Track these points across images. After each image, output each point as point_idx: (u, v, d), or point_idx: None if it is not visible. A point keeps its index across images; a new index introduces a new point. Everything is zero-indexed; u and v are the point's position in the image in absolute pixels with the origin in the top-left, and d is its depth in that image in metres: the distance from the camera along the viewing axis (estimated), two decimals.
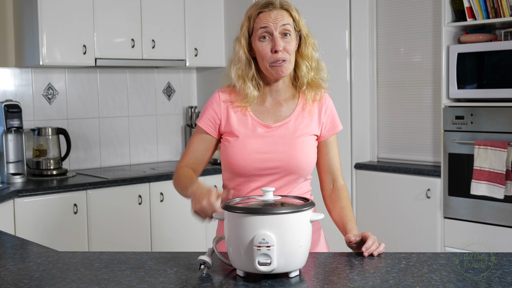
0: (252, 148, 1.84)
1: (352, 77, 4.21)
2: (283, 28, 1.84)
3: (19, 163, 3.57)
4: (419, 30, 4.05)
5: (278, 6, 1.86)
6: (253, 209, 1.42)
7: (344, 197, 1.90)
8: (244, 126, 1.87)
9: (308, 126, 1.89)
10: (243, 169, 1.84)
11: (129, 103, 4.30)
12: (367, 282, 1.43)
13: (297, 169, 1.85)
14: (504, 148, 3.37)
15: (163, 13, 4.06)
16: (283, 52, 1.82)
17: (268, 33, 1.83)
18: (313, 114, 1.91)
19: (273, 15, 1.84)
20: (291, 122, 1.88)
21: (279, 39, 1.83)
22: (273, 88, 1.91)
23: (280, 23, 1.83)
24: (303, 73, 1.91)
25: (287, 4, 1.89)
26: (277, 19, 1.84)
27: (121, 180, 3.63)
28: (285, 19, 1.85)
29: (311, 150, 1.89)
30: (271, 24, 1.83)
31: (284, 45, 1.83)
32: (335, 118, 1.96)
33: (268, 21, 1.83)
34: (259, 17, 1.85)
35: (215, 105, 1.91)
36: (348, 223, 1.82)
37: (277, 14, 1.84)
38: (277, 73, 1.84)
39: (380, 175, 4.09)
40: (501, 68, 3.48)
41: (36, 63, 3.60)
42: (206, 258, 1.49)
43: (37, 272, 1.58)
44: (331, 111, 1.95)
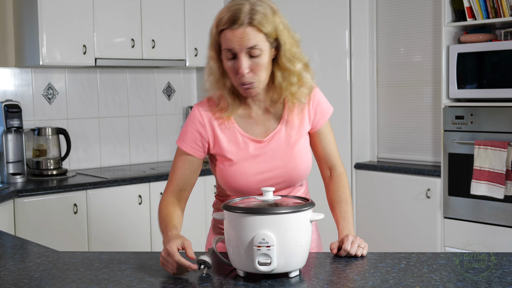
0: (251, 171, 1.72)
1: (352, 77, 4.21)
2: (249, 50, 1.62)
3: (19, 163, 3.57)
4: (419, 30, 4.05)
5: (244, 23, 1.61)
6: (253, 209, 1.42)
7: (342, 187, 1.81)
8: (236, 145, 1.74)
9: (299, 128, 1.78)
10: (244, 190, 1.74)
11: (129, 103, 4.30)
12: (367, 282, 1.42)
13: (299, 178, 1.78)
14: (504, 148, 3.37)
15: (163, 13, 4.06)
16: (249, 73, 1.64)
17: (233, 54, 1.64)
18: (301, 114, 1.78)
19: (238, 35, 1.61)
20: (281, 130, 1.76)
21: (245, 60, 1.63)
22: (254, 98, 1.76)
23: (246, 45, 1.61)
24: (278, 84, 1.71)
25: (256, 19, 1.61)
26: (243, 40, 1.61)
27: (121, 180, 3.63)
28: (252, 39, 1.61)
29: (307, 153, 1.80)
30: (236, 47, 1.62)
31: (252, 65, 1.64)
32: (323, 105, 1.81)
33: (232, 43, 1.62)
34: (223, 35, 1.64)
35: (199, 126, 1.75)
36: (340, 221, 1.75)
37: (243, 34, 1.60)
38: (245, 94, 1.70)
39: (380, 175, 4.09)
40: (501, 68, 3.48)
41: (36, 63, 3.60)
42: (206, 258, 1.49)
43: (37, 272, 1.58)
44: (317, 102, 1.80)
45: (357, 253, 1.62)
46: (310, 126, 1.81)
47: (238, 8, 1.62)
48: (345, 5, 4.14)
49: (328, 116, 1.83)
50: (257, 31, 1.62)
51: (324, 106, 1.82)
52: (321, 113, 1.81)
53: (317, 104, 1.80)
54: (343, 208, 1.78)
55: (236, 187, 1.74)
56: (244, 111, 1.77)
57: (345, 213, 1.77)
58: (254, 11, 1.61)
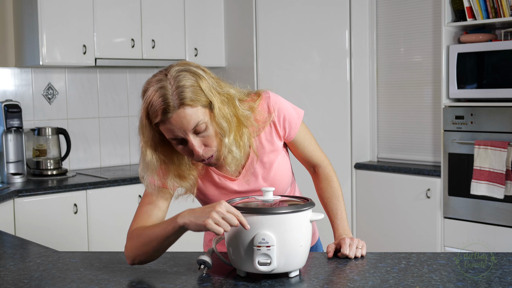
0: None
1: (352, 77, 4.21)
2: (194, 129, 1.50)
3: (19, 163, 3.57)
4: (419, 30, 4.05)
5: (176, 106, 1.46)
6: (253, 209, 1.42)
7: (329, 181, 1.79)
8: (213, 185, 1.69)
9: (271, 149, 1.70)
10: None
11: (129, 103, 4.30)
12: (367, 282, 1.42)
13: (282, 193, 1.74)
14: (504, 148, 3.37)
15: (163, 13, 4.06)
16: (204, 149, 1.54)
17: (180, 140, 1.52)
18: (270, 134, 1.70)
19: (175, 122, 1.47)
20: (253, 159, 1.68)
21: (195, 141, 1.52)
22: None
23: (188, 127, 1.48)
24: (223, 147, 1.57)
25: (186, 97, 1.47)
26: (183, 125, 1.48)
27: (121, 180, 3.63)
28: (192, 120, 1.48)
29: (286, 169, 1.75)
30: (179, 133, 1.50)
31: (203, 141, 1.53)
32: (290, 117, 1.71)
33: (173, 132, 1.49)
34: (161, 127, 1.51)
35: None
36: (334, 220, 1.74)
37: (180, 118, 1.47)
38: (209, 166, 1.62)
39: (380, 175, 4.09)
40: (501, 68, 3.48)
41: (36, 63, 3.60)
42: (206, 258, 1.49)
43: (37, 272, 1.58)
44: (284, 113, 1.69)
45: (356, 255, 1.62)
46: (283, 141, 1.74)
47: (162, 92, 1.47)
48: (345, 5, 4.14)
49: (299, 123, 1.74)
50: (191, 107, 1.48)
51: (291, 116, 1.71)
52: (290, 125, 1.71)
53: (283, 120, 1.70)
54: (334, 204, 1.77)
55: None
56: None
57: (337, 209, 1.76)
58: (179, 88, 1.47)
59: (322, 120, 4.09)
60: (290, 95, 1.86)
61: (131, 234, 1.58)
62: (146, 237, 1.53)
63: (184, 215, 1.45)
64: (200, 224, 1.40)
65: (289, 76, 4.19)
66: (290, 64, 4.18)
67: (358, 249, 1.63)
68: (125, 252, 1.57)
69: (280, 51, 4.17)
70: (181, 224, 1.44)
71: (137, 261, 1.56)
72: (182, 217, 1.45)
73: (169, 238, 1.49)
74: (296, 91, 4.12)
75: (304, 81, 4.18)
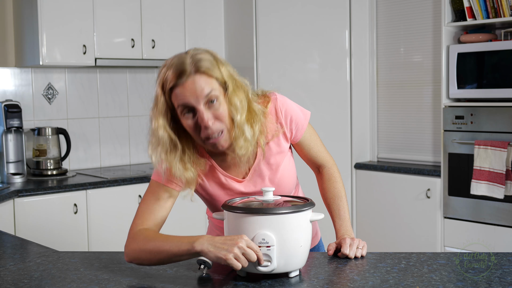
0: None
1: (352, 77, 4.21)
2: (206, 98, 1.50)
3: (19, 163, 3.57)
4: (419, 30, 4.05)
5: (192, 72, 1.50)
6: (253, 209, 1.42)
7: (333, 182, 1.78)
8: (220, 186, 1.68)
9: (278, 151, 1.70)
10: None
11: (129, 103, 4.30)
12: (367, 282, 1.42)
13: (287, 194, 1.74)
14: (504, 148, 3.37)
15: (163, 13, 4.06)
16: (214, 123, 1.51)
17: (190, 108, 1.51)
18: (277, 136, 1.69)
19: (189, 87, 1.49)
20: (260, 162, 1.67)
21: (205, 111, 1.50)
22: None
23: (202, 94, 1.49)
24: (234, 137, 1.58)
25: (202, 64, 1.51)
26: (196, 91, 1.49)
27: (121, 180, 3.63)
28: (206, 87, 1.50)
29: (291, 169, 1.74)
30: (191, 99, 1.49)
31: (214, 114, 1.51)
32: (297, 118, 1.70)
33: (185, 97, 1.49)
34: (174, 93, 1.51)
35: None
36: (336, 220, 1.74)
37: (195, 84, 1.49)
38: (216, 148, 1.56)
39: (380, 175, 4.09)
40: (501, 68, 3.48)
41: (36, 63, 3.60)
42: (206, 258, 1.49)
43: (37, 272, 1.58)
44: (291, 115, 1.69)
45: (356, 255, 1.62)
46: (289, 142, 1.74)
47: (179, 61, 1.51)
48: (345, 5, 4.14)
49: (306, 124, 1.73)
50: (207, 77, 1.50)
51: (298, 118, 1.71)
52: (297, 127, 1.71)
53: (290, 121, 1.69)
54: (337, 204, 1.76)
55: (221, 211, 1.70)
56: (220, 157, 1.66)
57: (339, 210, 1.75)
58: (196, 59, 1.51)
59: (322, 120, 4.09)
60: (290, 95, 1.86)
61: (136, 234, 1.55)
62: (154, 247, 1.49)
63: (203, 242, 1.41)
64: (220, 257, 1.38)
65: (289, 76, 4.18)
66: (290, 64, 4.18)
67: (358, 249, 1.63)
68: (125, 250, 1.55)
69: (280, 51, 4.17)
70: (198, 250, 1.42)
71: (135, 262, 1.55)
72: (200, 243, 1.41)
73: (180, 257, 1.46)
74: (296, 91, 4.11)
75: (304, 81, 4.18)
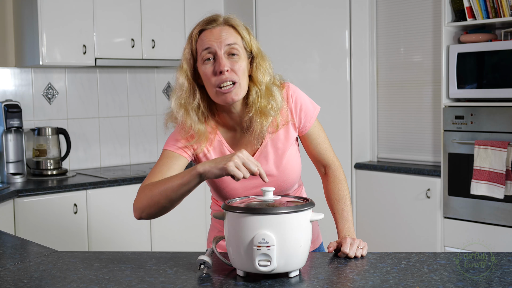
0: (241, 186, 1.72)
1: (352, 77, 4.21)
2: (229, 47, 1.62)
3: (19, 163, 3.57)
4: (419, 30, 4.05)
5: (221, 23, 1.65)
6: (253, 209, 1.42)
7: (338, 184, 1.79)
8: None
9: (286, 137, 1.74)
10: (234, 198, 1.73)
11: (129, 103, 4.30)
12: (367, 282, 1.42)
13: (289, 187, 1.77)
14: (504, 148, 3.37)
15: (163, 13, 4.06)
16: (230, 72, 1.60)
17: (212, 54, 1.62)
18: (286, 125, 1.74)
19: (216, 33, 1.62)
20: (268, 145, 1.73)
21: (224, 58, 1.61)
22: (233, 114, 1.70)
23: (225, 41, 1.62)
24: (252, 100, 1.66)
25: (233, 20, 1.66)
26: (221, 37, 1.62)
27: (121, 180, 3.63)
28: (231, 38, 1.63)
29: (297, 161, 1.78)
30: (214, 44, 1.61)
31: (231, 65, 1.61)
32: (307, 108, 1.76)
33: (210, 40, 1.62)
34: (200, 37, 1.64)
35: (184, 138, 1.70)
36: (339, 220, 1.74)
37: (221, 31, 1.63)
38: (226, 99, 1.62)
39: (380, 175, 4.09)
40: (501, 68, 3.48)
41: (36, 63, 3.60)
42: (206, 258, 1.49)
43: (37, 272, 1.58)
44: (301, 104, 1.75)
45: (356, 255, 1.62)
46: (297, 132, 1.78)
47: (213, 14, 1.69)
48: (345, 5, 4.15)
49: (315, 117, 1.79)
50: (234, 31, 1.65)
51: (308, 108, 1.76)
52: (306, 117, 1.76)
53: (300, 110, 1.75)
54: (340, 206, 1.77)
55: (225, 196, 1.75)
56: (228, 128, 1.74)
57: (343, 211, 1.76)
58: (229, 16, 1.68)
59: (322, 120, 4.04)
60: None
61: (144, 187, 1.61)
62: (160, 187, 1.56)
63: (203, 164, 1.50)
64: (220, 167, 1.45)
65: (289, 76, 4.17)
66: (290, 64, 4.18)
67: (358, 249, 1.63)
68: (133, 205, 1.60)
69: (280, 51, 4.17)
70: (200, 171, 1.50)
71: (145, 214, 1.59)
72: (202, 165, 1.51)
73: (187, 185, 1.52)
74: None
75: (304, 81, 4.18)
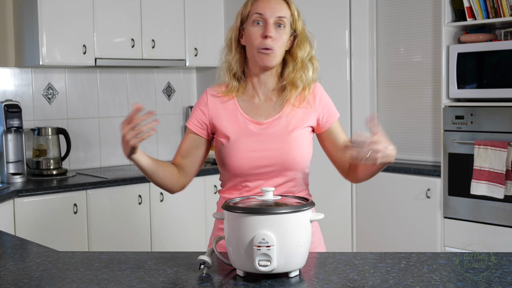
0: (245, 147, 1.79)
1: (352, 77, 4.21)
2: (278, 18, 1.80)
3: (19, 163, 3.57)
4: (419, 30, 4.04)
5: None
6: (253, 209, 1.42)
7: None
8: (235, 124, 1.83)
9: (302, 118, 1.84)
10: (238, 169, 1.80)
11: (129, 103, 4.30)
12: (367, 282, 1.42)
13: (292, 165, 1.80)
14: (504, 148, 3.37)
15: (163, 13, 4.06)
16: (273, 40, 1.79)
17: (262, 19, 1.80)
18: (306, 106, 1.86)
19: (272, 3, 1.81)
20: (282, 116, 1.83)
21: (272, 26, 1.79)
22: (261, 80, 1.86)
23: (277, 13, 1.80)
24: (288, 71, 1.85)
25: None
26: (275, 8, 1.80)
27: (121, 180, 3.63)
28: (283, 11, 1.82)
29: (306, 144, 1.84)
30: (267, 12, 1.80)
31: (276, 34, 1.79)
32: (331, 106, 1.90)
33: (265, 8, 1.80)
34: (257, 2, 1.82)
35: (202, 105, 1.88)
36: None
37: (276, 3, 1.82)
38: (262, 61, 1.80)
39: (380, 175, 4.06)
40: (501, 68, 3.48)
41: (36, 63, 3.60)
42: (206, 258, 1.49)
43: (37, 272, 1.58)
44: (325, 101, 1.89)
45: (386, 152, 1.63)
46: (316, 122, 1.86)
47: None
48: (345, 5, 4.14)
49: (336, 115, 1.91)
50: (287, 7, 1.83)
51: (330, 104, 1.90)
52: (328, 112, 1.88)
53: (323, 104, 1.88)
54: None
55: (230, 164, 1.81)
56: (248, 96, 1.88)
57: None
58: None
59: None
60: None
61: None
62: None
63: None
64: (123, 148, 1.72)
65: None
66: None
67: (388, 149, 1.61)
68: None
69: None
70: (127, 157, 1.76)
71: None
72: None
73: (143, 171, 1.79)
74: None
75: None
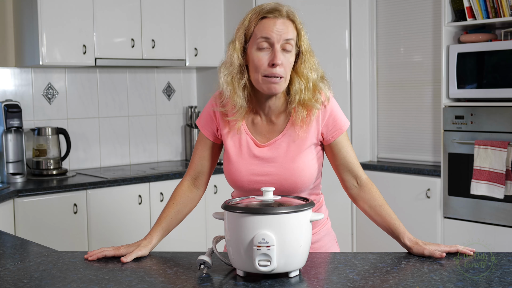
0: (245, 169, 1.74)
1: (352, 77, 4.21)
2: (285, 42, 1.66)
3: (19, 163, 3.57)
4: (419, 30, 4.05)
5: (284, 15, 1.68)
6: (253, 209, 1.42)
7: (375, 192, 1.79)
8: (237, 143, 1.77)
9: (304, 139, 1.74)
10: (240, 187, 1.77)
11: (129, 103, 4.30)
12: (367, 282, 1.42)
13: (293, 189, 1.74)
14: (504, 148, 3.37)
15: (163, 13, 4.06)
16: (281, 67, 1.66)
17: (269, 44, 1.66)
18: (309, 125, 1.74)
19: (278, 25, 1.66)
20: (282, 140, 1.74)
21: (280, 52, 1.66)
22: (265, 104, 1.75)
23: (284, 36, 1.66)
24: (295, 90, 1.71)
25: (293, 14, 1.71)
26: (282, 31, 1.66)
27: (121, 180, 3.63)
28: (290, 33, 1.68)
29: (308, 165, 1.75)
30: (274, 36, 1.65)
31: (283, 60, 1.66)
32: (338, 118, 1.77)
33: (271, 31, 1.66)
34: (261, 23, 1.67)
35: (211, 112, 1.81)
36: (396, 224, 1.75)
37: (282, 25, 1.67)
38: (269, 89, 1.68)
39: (380, 175, 4.09)
40: (501, 68, 3.48)
41: (36, 63, 3.60)
42: (206, 258, 1.49)
43: (37, 272, 1.58)
44: (329, 114, 1.76)
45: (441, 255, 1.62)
46: (318, 139, 1.77)
47: (278, 4, 1.70)
48: (345, 5, 4.14)
49: (344, 129, 1.78)
50: (293, 27, 1.70)
51: (338, 118, 1.77)
52: (334, 126, 1.76)
53: (328, 117, 1.75)
54: (389, 210, 1.79)
55: (232, 182, 1.79)
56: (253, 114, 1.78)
57: (393, 214, 1.78)
58: (292, 11, 1.71)
59: None
60: None
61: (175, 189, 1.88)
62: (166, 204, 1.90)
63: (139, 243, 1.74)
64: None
65: None
66: None
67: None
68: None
69: None
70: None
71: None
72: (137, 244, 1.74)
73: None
74: None
75: None
